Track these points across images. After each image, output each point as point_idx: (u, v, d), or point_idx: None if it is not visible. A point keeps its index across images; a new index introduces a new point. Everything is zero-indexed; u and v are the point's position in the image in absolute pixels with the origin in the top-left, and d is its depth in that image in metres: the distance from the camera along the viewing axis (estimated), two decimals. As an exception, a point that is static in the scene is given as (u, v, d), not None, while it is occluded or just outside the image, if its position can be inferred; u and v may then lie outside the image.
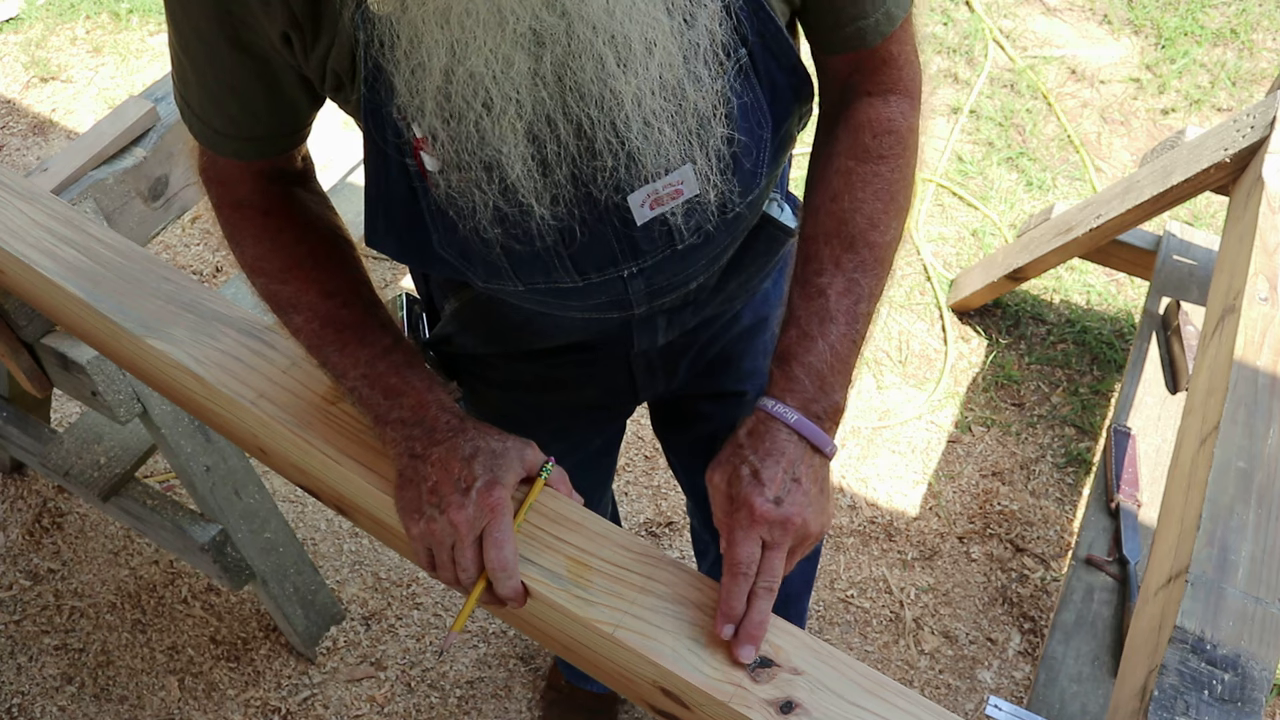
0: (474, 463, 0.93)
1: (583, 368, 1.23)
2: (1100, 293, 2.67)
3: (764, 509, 0.90)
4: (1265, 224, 1.67)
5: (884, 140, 0.97)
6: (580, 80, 0.78)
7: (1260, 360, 1.44)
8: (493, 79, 0.76)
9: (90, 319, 1.19)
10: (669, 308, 1.12)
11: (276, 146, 0.99)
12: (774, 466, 0.92)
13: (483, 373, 1.26)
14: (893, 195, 0.97)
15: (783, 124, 0.95)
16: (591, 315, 1.08)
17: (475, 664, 2.06)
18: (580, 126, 0.81)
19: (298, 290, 1.00)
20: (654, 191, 0.90)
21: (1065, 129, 3.03)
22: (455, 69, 0.76)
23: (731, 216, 0.98)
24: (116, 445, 1.82)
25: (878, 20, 0.93)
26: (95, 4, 3.45)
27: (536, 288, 0.99)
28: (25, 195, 1.29)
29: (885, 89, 0.98)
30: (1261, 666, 1.12)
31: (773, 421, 0.94)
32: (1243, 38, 3.28)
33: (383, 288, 2.70)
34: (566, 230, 0.91)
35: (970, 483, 2.32)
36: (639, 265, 0.98)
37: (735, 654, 0.89)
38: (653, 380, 1.27)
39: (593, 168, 0.85)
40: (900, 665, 2.06)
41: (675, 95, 0.82)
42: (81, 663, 2.06)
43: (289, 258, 1.00)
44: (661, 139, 0.83)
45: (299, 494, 2.29)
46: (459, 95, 0.78)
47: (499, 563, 0.90)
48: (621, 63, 0.77)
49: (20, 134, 3.08)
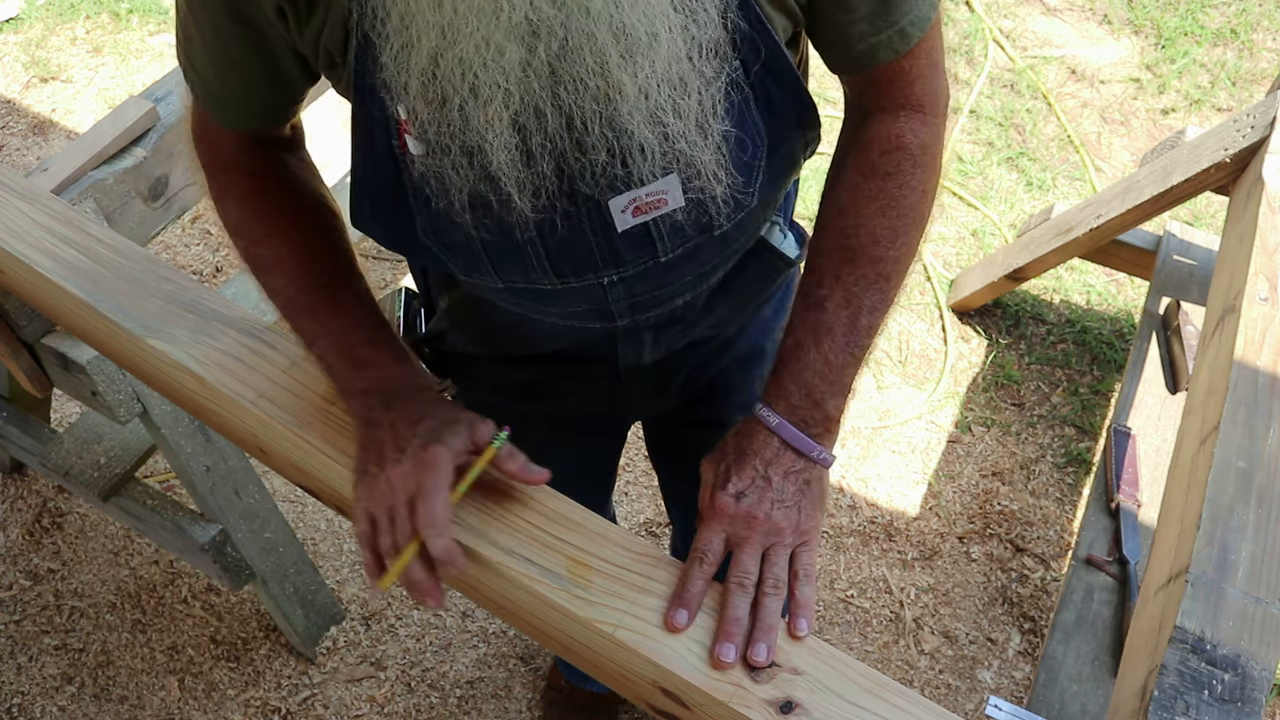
0: (419, 425, 0.93)
1: (570, 379, 1.22)
2: (1100, 293, 2.67)
3: (723, 502, 0.93)
4: (1265, 224, 1.67)
5: (891, 157, 0.95)
6: (578, 73, 0.77)
7: (1260, 360, 1.44)
8: (482, 66, 0.75)
9: (90, 319, 1.19)
10: (654, 323, 1.11)
11: (270, 118, 1.00)
12: (744, 465, 0.94)
13: (474, 373, 1.26)
14: (900, 212, 0.96)
15: (780, 147, 0.93)
16: (574, 324, 1.07)
17: (475, 664, 2.06)
18: (571, 120, 0.80)
19: (277, 254, 1.00)
20: (637, 198, 0.89)
21: (1065, 129, 3.03)
22: (444, 52, 0.75)
23: (718, 235, 0.97)
24: (116, 445, 1.82)
25: (890, 38, 0.90)
26: (95, 4, 3.45)
27: (515, 286, 0.99)
28: (25, 195, 1.29)
29: (896, 104, 0.96)
30: (1261, 666, 1.12)
31: (755, 424, 0.96)
32: (1243, 38, 3.28)
33: (381, 288, 2.70)
34: (547, 224, 0.89)
35: (970, 483, 2.32)
36: (619, 273, 0.97)
37: (716, 652, 0.89)
38: (643, 399, 1.27)
39: (581, 163, 0.84)
40: (900, 665, 2.06)
41: (679, 91, 0.80)
42: (81, 663, 2.06)
43: (271, 222, 1.01)
44: (665, 134, 0.82)
45: (299, 494, 2.29)
46: (445, 79, 0.77)
47: (427, 518, 0.89)
48: (627, 55, 0.76)
49: (20, 134, 3.08)
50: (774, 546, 0.93)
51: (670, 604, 0.92)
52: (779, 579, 0.92)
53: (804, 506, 0.95)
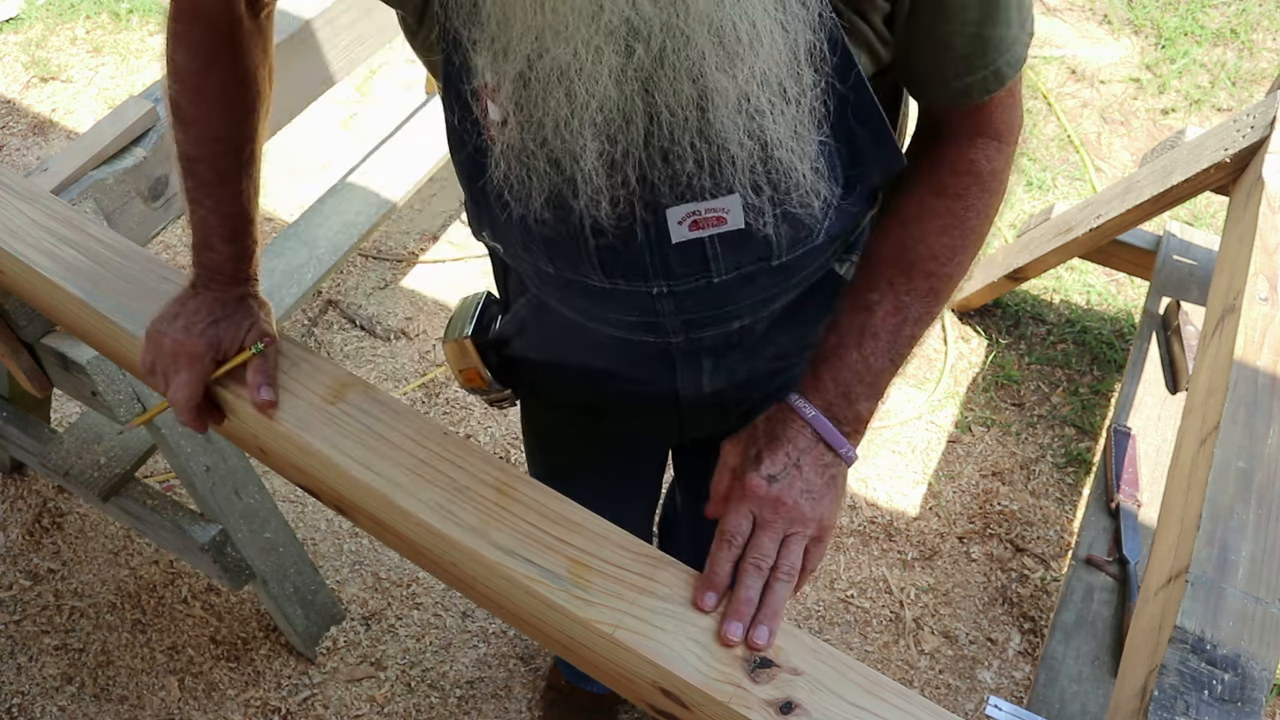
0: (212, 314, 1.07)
1: (632, 403, 1.22)
2: (1100, 293, 2.67)
3: (755, 483, 0.93)
4: (1265, 224, 1.67)
5: (962, 180, 0.95)
6: (673, 78, 0.75)
7: (1260, 360, 1.44)
8: (578, 71, 0.74)
9: (90, 319, 1.19)
10: (711, 346, 1.10)
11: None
12: (777, 450, 0.94)
13: (537, 385, 1.27)
14: (963, 233, 0.96)
15: (856, 186, 0.92)
16: (627, 336, 1.07)
17: (475, 664, 2.06)
18: (660, 127, 0.78)
19: (198, 114, 1.04)
20: (696, 212, 0.89)
21: (1065, 129, 3.03)
22: (541, 57, 0.74)
23: (777, 265, 0.97)
24: (116, 445, 1.82)
25: (985, 78, 0.88)
26: (95, 4, 3.45)
27: (565, 277, 1.00)
28: (25, 195, 1.29)
29: (975, 131, 0.95)
30: (1261, 666, 1.12)
31: (790, 413, 0.96)
32: (1243, 38, 3.28)
33: (382, 287, 2.70)
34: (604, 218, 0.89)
35: (970, 483, 2.32)
36: (669, 285, 0.97)
37: (723, 630, 0.89)
38: (699, 426, 1.26)
39: (664, 173, 0.83)
40: (900, 665, 2.06)
41: (779, 96, 0.78)
42: (81, 663, 2.06)
43: (207, 85, 1.03)
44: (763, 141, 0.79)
45: (299, 494, 2.29)
46: (540, 84, 0.76)
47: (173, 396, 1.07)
48: (726, 56, 0.74)
49: (20, 134, 3.08)
50: (794, 535, 0.93)
51: (699, 585, 0.92)
52: (793, 567, 0.93)
53: (828, 500, 0.95)
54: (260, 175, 1.10)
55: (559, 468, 1.44)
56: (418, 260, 2.77)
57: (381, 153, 2.36)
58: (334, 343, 2.59)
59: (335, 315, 2.65)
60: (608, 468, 1.43)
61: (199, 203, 1.07)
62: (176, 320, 1.07)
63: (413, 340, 2.59)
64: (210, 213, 1.07)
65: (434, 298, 2.69)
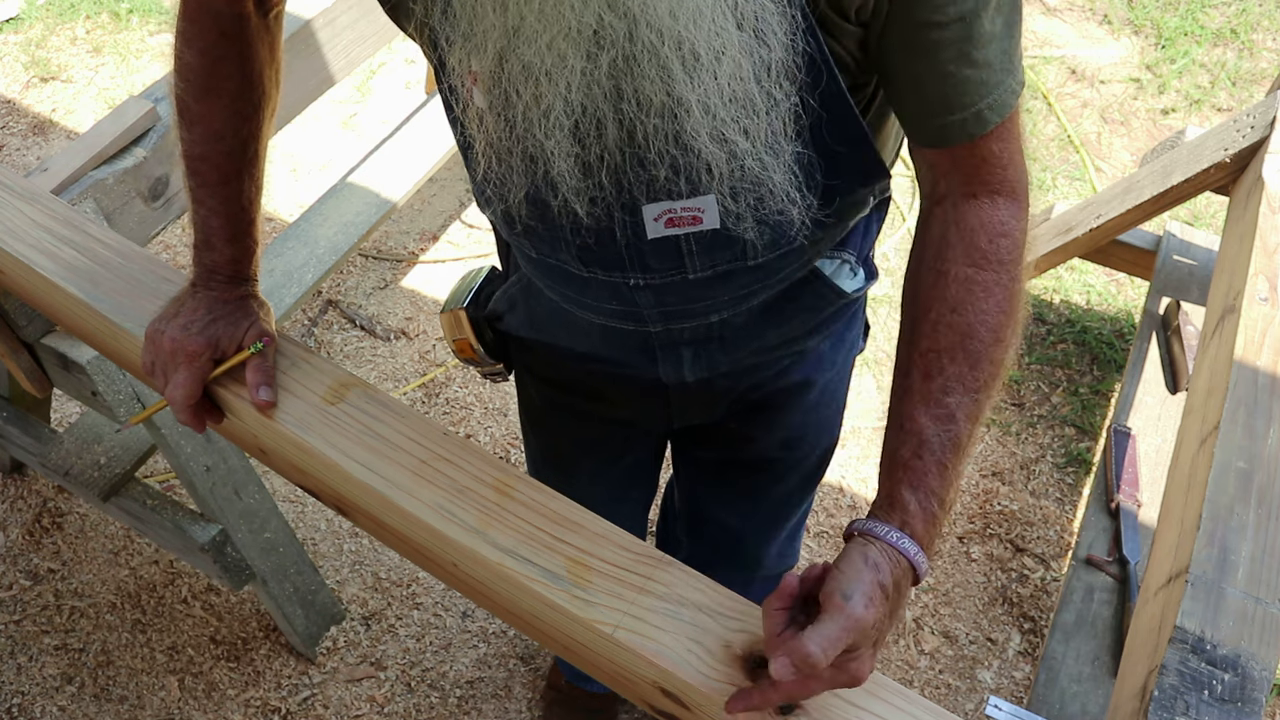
0: (210, 314, 1.08)
1: (619, 386, 1.23)
2: (1100, 293, 2.67)
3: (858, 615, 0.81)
4: (1265, 224, 1.67)
5: (1000, 244, 0.89)
6: (640, 86, 0.76)
7: (1260, 360, 1.44)
8: (545, 73, 0.75)
9: (90, 319, 1.19)
10: (690, 338, 1.11)
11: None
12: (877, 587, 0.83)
13: (529, 362, 1.30)
14: (1015, 305, 0.90)
15: (836, 198, 0.91)
16: (608, 323, 1.08)
17: (475, 664, 2.06)
18: (633, 134, 0.79)
19: (204, 113, 1.05)
20: (671, 210, 0.89)
21: (1065, 129, 3.03)
22: (508, 56, 0.75)
23: (753, 265, 0.96)
24: (116, 445, 1.82)
25: (966, 120, 0.85)
26: (95, 4, 3.45)
27: (549, 263, 1.02)
28: (25, 195, 1.29)
29: (990, 190, 0.89)
30: (1261, 666, 1.12)
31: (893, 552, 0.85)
32: (1243, 38, 3.28)
33: (382, 287, 2.70)
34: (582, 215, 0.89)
35: (970, 483, 2.32)
36: (645, 279, 0.98)
37: (773, 667, 0.79)
38: (686, 413, 1.27)
39: (642, 178, 0.84)
40: (900, 665, 2.06)
41: (746, 110, 0.78)
42: (81, 663, 2.06)
43: (216, 86, 1.04)
44: (732, 152, 0.79)
45: (299, 494, 2.29)
46: (509, 82, 0.77)
47: (170, 395, 1.07)
48: (689, 70, 0.74)
49: (20, 134, 3.08)
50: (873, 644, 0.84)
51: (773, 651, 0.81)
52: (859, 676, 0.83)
53: (897, 614, 0.87)
54: (264, 176, 1.11)
55: (553, 449, 1.45)
56: (418, 260, 2.77)
57: (381, 153, 2.36)
58: (334, 343, 2.59)
59: (335, 315, 2.65)
60: (600, 451, 1.44)
61: (202, 202, 1.08)
62: (175, 319, 1.07)
63: (413, 340, 2.59)
64: (212, 212, 1.08)
65: (434, 298, 2.69)
